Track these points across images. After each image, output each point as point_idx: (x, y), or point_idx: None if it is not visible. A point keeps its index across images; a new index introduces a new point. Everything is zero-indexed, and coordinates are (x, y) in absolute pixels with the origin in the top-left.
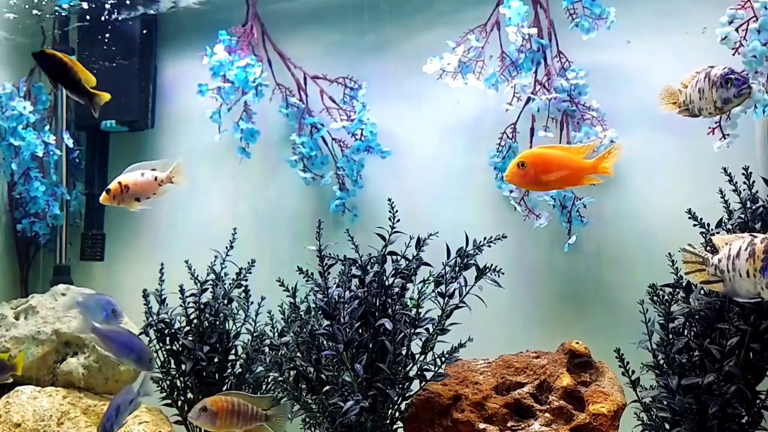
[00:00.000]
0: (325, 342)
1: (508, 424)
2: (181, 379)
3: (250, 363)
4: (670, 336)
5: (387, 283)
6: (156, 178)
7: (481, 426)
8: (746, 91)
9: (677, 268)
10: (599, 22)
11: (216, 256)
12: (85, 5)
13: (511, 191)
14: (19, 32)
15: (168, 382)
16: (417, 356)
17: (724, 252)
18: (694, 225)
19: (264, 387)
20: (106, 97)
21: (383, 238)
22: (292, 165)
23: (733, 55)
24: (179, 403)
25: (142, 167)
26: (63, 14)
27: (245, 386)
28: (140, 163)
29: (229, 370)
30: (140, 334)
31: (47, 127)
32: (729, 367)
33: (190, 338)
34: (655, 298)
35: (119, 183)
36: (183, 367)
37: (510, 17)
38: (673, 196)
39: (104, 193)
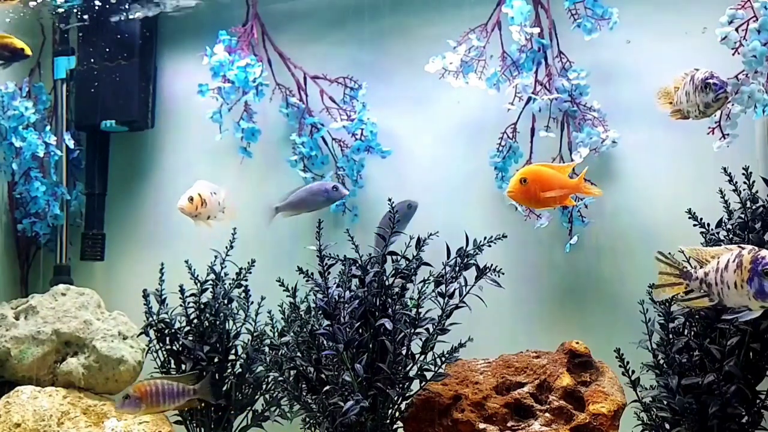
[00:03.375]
0: (325, 342)
1: (508, 424)
2: None
3: (250, 363)
4: (670, 336)
5: (387, 283)
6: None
7: (481, 426)
8: (723, 95)
9: None
10: (600, 22)
11: (216, 256)
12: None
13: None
14: (19, 32)
15: None
16: (417, 356)
17: (712, 265)
18: (694, 225)
19: (264, 387)
20: None
21: (383, 238)
22: (292, 165)
23: (733, 55)
24: None
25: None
26: (63, 14)
27: (245, 386)
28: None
29: (229, 370)
30: (140, 334)
31: (48, 127)
32: (729, 367)
33: (190, 338)
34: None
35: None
36: (183, 367)
37: (513, 16)
38: (673, 196)
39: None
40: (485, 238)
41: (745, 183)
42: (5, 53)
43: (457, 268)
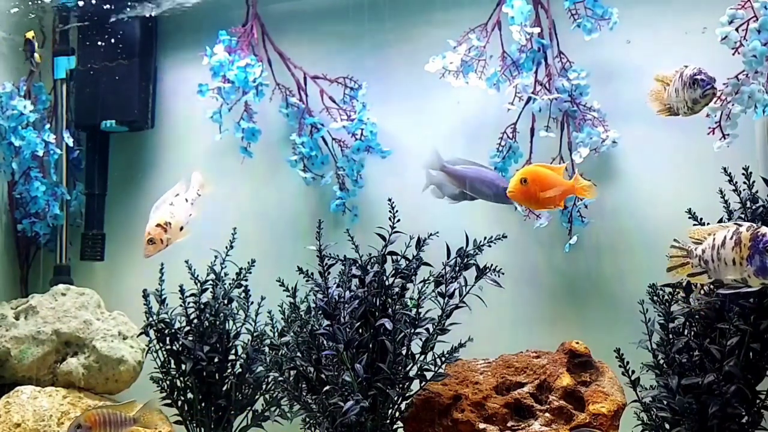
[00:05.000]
0: (325, 342)
1: (508, 424)
2: (181, 379)
3: (250, 363)
4: (670, 336)
5: (387, 283)
6: (187, 200)
7: (481, 426)
8: (710, 91)
9: None
10: (600, 22)
11: (216, 256)
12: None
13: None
14: (19, 32)
15: (168, 382)
16: (417, 356)
17: (707, 242)
18: (694, 225)
19: (264, 387)
20: None
21: (383, 238)
22: (292, 165)
23: (733, 54)
24: (179, 403)
25: (164, 200)
26: (63, 14)
27: (245, 386)
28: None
29: (229, 370)
30: (140, 334)
31: (48, 127)
32: (729, 367)
33: (190, 338)
34: (655, 297)
35: (158, 224)
36: (183, 367)
37: (513, 16)
38: (673, 196)
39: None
40: (485, 238)
41: (745, 183)
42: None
43: (457, 268)
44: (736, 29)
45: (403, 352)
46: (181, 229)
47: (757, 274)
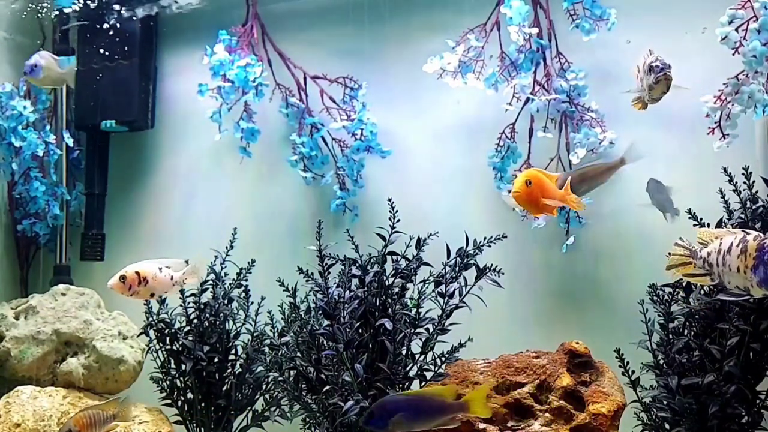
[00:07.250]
0: (325, 342)
1: (508, 424)
2: (181, 379)
3: (250, 363)
4: (670, 336)
5: (387, 283)
6: (172, 278)
7: (481, 426)
8: (662, 77)
9: None
10: (599, 23)
11: (216, 256)
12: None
13: (510, 191)
14: (19, 32)
15: (168, 382)
16: (417, 356)
17: (714, 246)
18: (694, 225)
19: (264, 387)
20: None
21: (383, 238)
22: (292, 165)
23: (733, 55)
24: (179, 403)
25: (157, 262)
26: (63, 14)
27: (245, 386)
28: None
29: (229, 370)
30: (140, 334)
31: (48, 127)
32: (729, 367)
33: (190, 338)
34: (655, 297)
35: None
36: (183, 367)
37: (511, 17)
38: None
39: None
40: (485, 238)
41: (745, 183)
42: None
43: (457, 268)
44: (736, 29)
45: (403, 352)
46: (152, 295)
47: (760, 285)
